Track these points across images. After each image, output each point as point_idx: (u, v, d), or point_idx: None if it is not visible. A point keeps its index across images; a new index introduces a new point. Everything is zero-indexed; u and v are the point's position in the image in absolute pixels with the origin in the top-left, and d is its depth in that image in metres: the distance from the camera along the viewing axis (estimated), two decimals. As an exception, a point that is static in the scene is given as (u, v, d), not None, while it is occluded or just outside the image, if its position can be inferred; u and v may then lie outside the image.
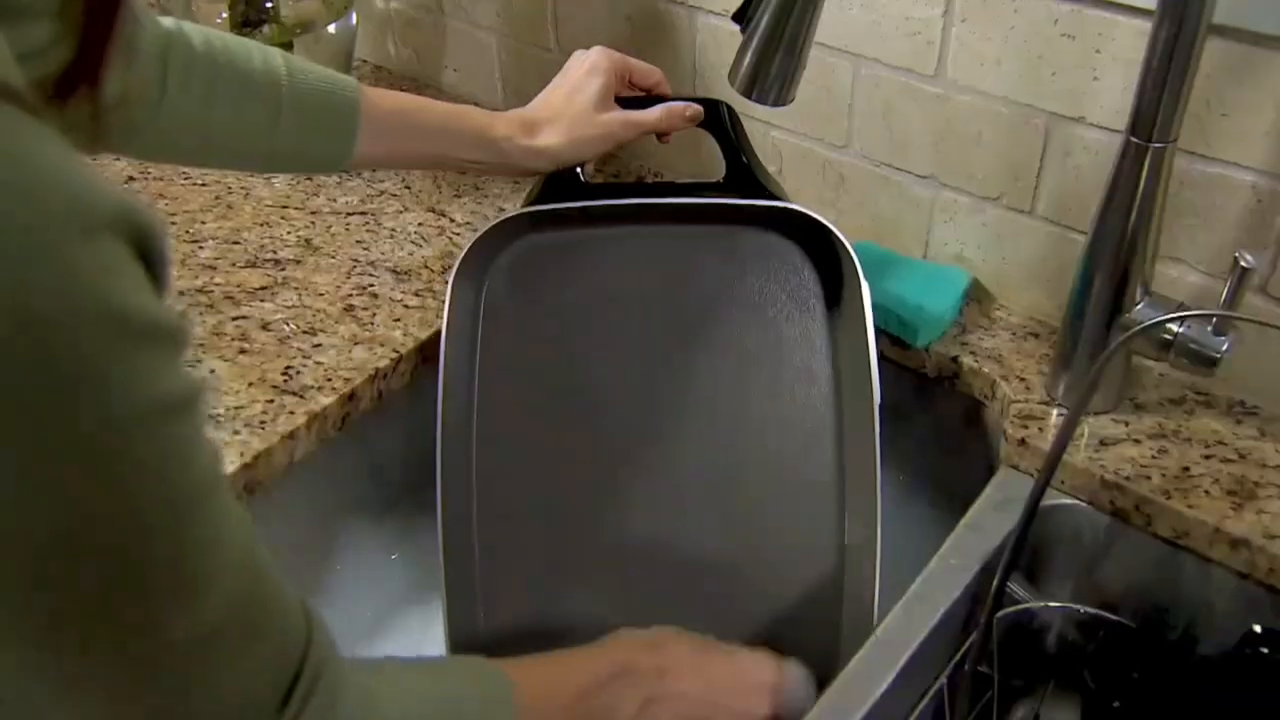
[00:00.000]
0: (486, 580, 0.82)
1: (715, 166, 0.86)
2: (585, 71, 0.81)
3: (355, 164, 0.77)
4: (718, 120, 0.86)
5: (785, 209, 0.81)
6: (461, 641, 0.79)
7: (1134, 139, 0.70)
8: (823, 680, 0.72)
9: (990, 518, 0.78)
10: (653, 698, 0.65)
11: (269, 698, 0.42)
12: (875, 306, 0.79)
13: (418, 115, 0.77)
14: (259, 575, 0.41)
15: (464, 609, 0.80)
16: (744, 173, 0.84)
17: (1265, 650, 0.71)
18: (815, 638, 0.82)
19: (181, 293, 0.93)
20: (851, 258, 0.80)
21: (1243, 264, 0.67)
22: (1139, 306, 0.76)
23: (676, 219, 0.84)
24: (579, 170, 0.83)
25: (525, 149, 0.79)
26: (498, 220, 0.81)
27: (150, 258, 0.33)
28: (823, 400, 0.83)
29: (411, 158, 0.79)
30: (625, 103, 0.84)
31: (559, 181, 0.82)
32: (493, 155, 0.79)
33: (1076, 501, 0.78)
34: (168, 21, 0.70)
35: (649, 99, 0.85)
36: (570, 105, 0.80)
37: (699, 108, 0.85)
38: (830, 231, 0.80)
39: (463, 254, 0.80)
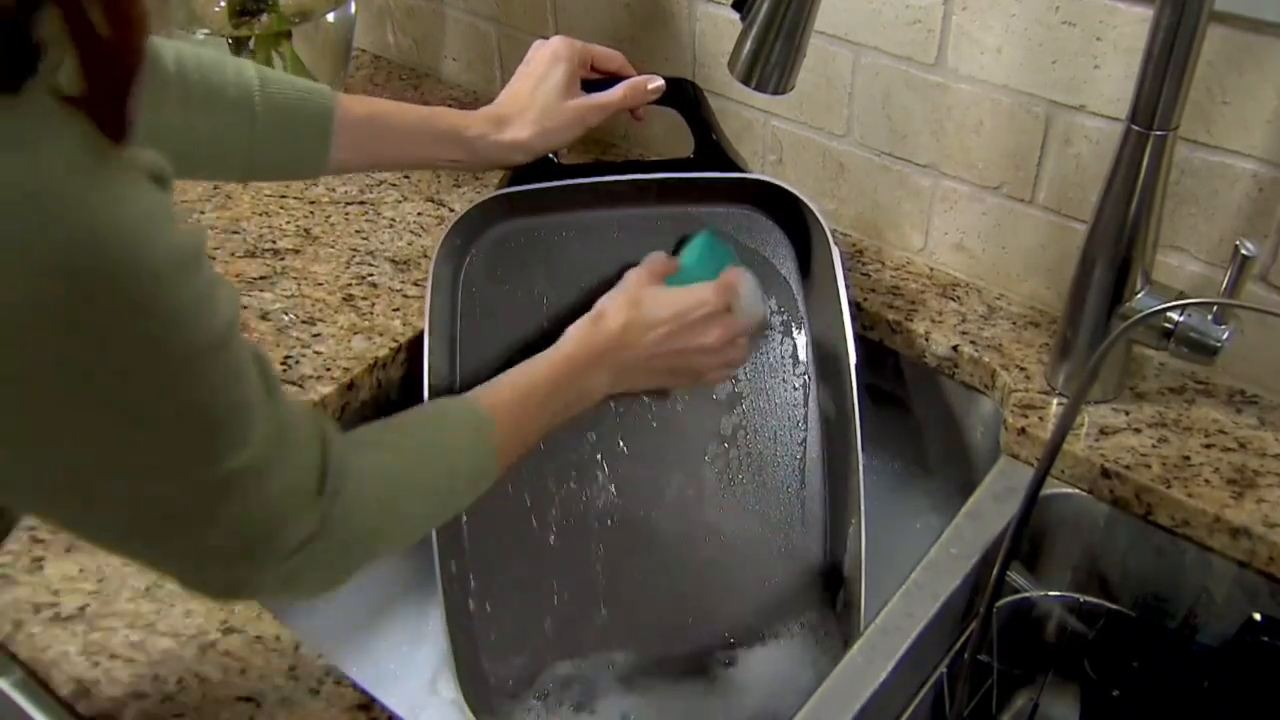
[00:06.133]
0: (481, 573, 0.82)
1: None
2: (548, 61, 0.81)
3: (333, 170, 0.77)
4: (683, 97, 0.86)
5: (756, 181, 0.83)
6: (461, 636, 0.79)
7: (1135, 127, 0.70)
8: (819, 670, 0.72)
9: (990, 507, 0.78)
10: (621, 368, 0.74)
11: (308, 487, 0.51)
12: None
13: (392, 119, 0.78)
14: (277, 395, 0.49)
15: (459, 602, 0.80)
16: (712, 148, 0.85)
17: (1265, 639, 0.71)
18: (803, 621, 0.83)
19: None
20: (821, 225, 0.81)
21: (1243, 252, 0.67)
22: (1139, 295, 0.76)
23: (652, 198, 0.85)
24: (551, 153, 0.83)
25: (498, 144, 0.79)
26: (471, 206, 0.81)
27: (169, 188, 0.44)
28: (802, 368, 0.85)
29: (389, 161, 0.80)
30: (589, 86, 0.84)
31: (531, 165, 0.82)
32: (468, 154, 0.79)
33: (1076, 490, 0.78)
34: None
35: (613, 82, 0.85)
36: (536, 96, 0.81)
37: (661, 80, 0.85)
38: (800, 201, 0.81)
39: (440, 241, 0.80)
